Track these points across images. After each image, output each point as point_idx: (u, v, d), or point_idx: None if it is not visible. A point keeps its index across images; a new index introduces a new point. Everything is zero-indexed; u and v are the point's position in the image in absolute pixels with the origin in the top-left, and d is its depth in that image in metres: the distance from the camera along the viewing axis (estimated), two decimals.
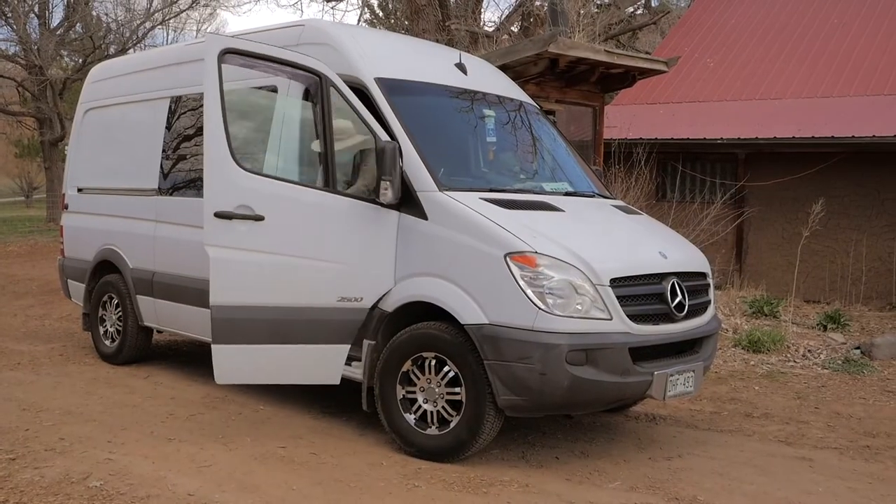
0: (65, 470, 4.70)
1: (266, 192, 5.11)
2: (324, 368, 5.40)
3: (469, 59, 6.61)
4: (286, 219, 5.15)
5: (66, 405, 6.10)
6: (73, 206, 8.39)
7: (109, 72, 8.38)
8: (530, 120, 6.61)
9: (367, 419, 5.68)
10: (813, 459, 5.51)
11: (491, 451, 5.27)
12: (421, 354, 5.09)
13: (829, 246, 12.55)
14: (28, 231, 24.90)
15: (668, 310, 5.11)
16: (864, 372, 8.12)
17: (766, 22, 16.88)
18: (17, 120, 33.53)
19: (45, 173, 30.73)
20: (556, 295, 4.72)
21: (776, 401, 7.08)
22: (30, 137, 39.12)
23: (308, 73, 5.36)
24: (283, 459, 5.03)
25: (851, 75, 14.39)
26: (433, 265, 5.09)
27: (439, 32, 13.39)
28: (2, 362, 7.59)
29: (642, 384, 4.96)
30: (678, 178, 13.61)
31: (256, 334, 5.15)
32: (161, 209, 7.11)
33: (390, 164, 5.07)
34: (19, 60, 27.87)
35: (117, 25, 30.18)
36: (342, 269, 5.28)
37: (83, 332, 8.25)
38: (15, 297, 11.96)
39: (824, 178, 12.41)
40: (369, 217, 5.30)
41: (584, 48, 9.46)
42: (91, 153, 8.24)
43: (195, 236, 6.27)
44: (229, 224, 5.02)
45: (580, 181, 6.38)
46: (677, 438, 5.87)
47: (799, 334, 9.45)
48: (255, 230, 5.07)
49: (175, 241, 6.82)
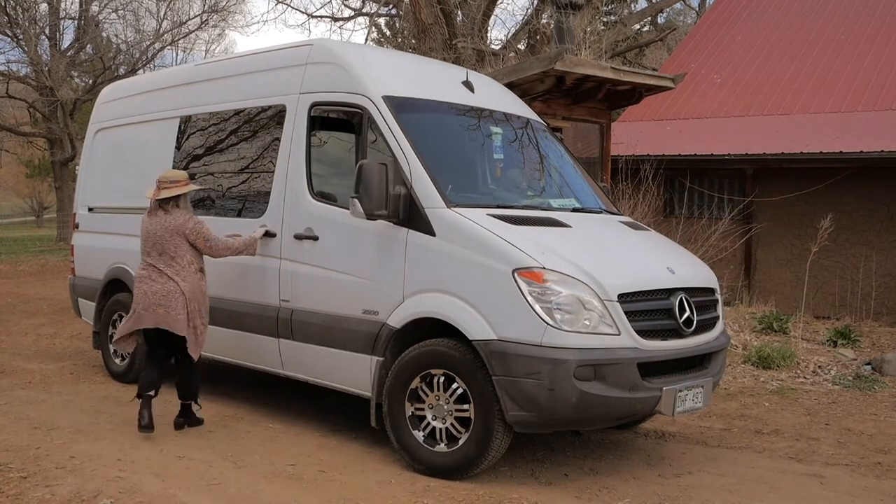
0: (75, 488, 4.71)
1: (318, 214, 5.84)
2: (354, 376, 5.55)
3: (476, 77, 6.65)
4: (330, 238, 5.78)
5: (76, 423, 6.12)
6: (83, 225, 8.45)
7: (119, 92, 8.48)
8: (537, 137, 6.64)
9: (375, 436, 5.68)
10: (824, 476, 5.48)
11: (500, 469, 5.26)
12: (429, 371, 5.10)
13: (839, 261, 12.50)
14: (39, 250, 25.07)
15: (677, 325, 5.11)
16: (875, 388, 8.08)
17: (773, 38, 16.90)
18: (29, 140, 33.90)
19: (55, 193, 30.99)
20: (564, 310, 4.72)
21: (786, 417, 7.05)
22: (41, 158, 39.48)
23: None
24: (291, 477, 5.03)
25: (859, 91, 14.39)
26: (441, 281, 5.10)
27: (446, 51, 13.47)
28: (13, 381, 7.62)
29: (651, 400, 4.95)
30: (686, 194, 13.60)
31: (311, 335, 5.77)
32: None
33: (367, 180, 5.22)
34: (30, 81, 28.17)
35: (127, 46, 30.56)
36: (364, 284, 5.48)
37: (93, 351, 8.28)
38: (26, 315, 12.01)
39: (833, 193, 12.38)
40: (379, 233, 5.36)
41: (590, 65, 9.50)
42: (102, 173, 8.31)
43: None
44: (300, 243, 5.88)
45: (587, 197, 6.40)
46: (687, 455, 5.85)
47: (809, 350, 9.41)
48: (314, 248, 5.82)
49: None
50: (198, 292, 5.88)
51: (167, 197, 5.86)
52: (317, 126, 6.02)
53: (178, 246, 5.83)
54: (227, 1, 31.10)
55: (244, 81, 6.76)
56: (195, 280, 5.88)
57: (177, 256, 5.82)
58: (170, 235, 5.82)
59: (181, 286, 5.78)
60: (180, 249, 5.83)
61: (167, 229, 5.82)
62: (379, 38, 23.90)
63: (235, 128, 6.83)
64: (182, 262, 5.83)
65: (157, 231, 5.86)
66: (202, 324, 5.91)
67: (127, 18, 30.07)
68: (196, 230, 5.87)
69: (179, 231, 5.82)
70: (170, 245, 5.82)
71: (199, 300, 5.88)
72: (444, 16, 13.87)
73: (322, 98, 5.96)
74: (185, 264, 5.83)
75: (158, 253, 5.85)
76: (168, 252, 5.82)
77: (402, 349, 5.25)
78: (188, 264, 5.85)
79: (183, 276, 5.81)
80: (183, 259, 5.83)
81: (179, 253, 5.83)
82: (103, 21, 29.65)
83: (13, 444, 5.55)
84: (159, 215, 5.90)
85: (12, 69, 28.74)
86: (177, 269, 5.82)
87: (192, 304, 5.81)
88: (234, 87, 6.84)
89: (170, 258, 5.82)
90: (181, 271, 5.82)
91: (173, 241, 5.82)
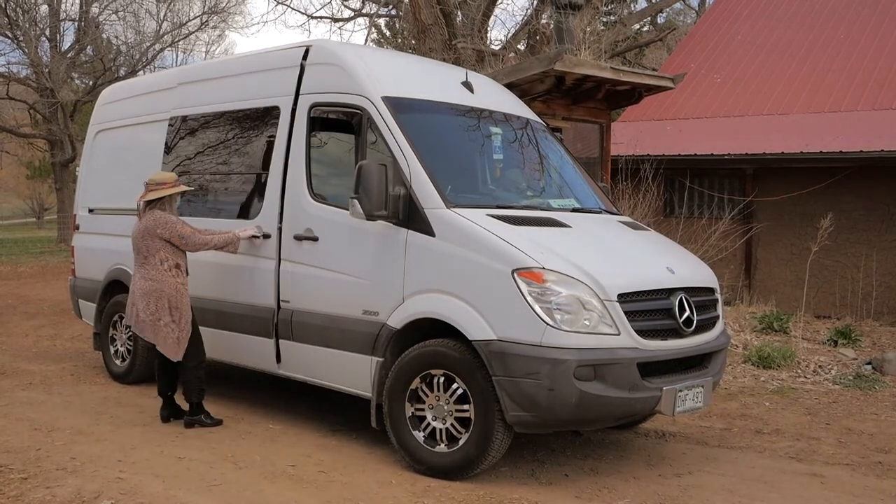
0: (76, 489, 4.72)
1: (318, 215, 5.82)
2: (354, 376, 5.55)
3: (476, 78, 6.65)
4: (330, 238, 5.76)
5: (77, 425, 6.12)
6: (84, 226, 8.46)
7: (118, 94, 8.49)
8: (537, 137, 6.64)
9: (375, 437, 5.69)
10: (824, 476, 5.48)
11: (500, 469, 5.26)
12: (429, 371, 5.10)
13: (839, 261, 12.50)
14: (39, 252, 25.08)
15: (677, 325, 5.11)
16: (876, 387, 8.08)
17: (773, 37, 16.90)
18: (29, 142, 33.91)
19: (56, 194, 31.01)
20: (563, 310, 4.73)
21: (787, 417, 7.05)
22: (41, 159, 39.50)
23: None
24: (292, 478, 5.04)
25: (859, 90, 14.39)
26: (441, 282, 5.10)
27: (446, 51, 13.47)
28: (14, 382, 7.63)
29: (651, 400, 4.95)
30: (686, 193, 13.60)
31: (310, 336, 5.76)
32: None
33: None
34: (31, 83, 28.20)
35: (127, 48, 30.57)
36: (364, 284, 5.48)
37: (94, 352, 8.29)
38: (26, 317, 12.02)
39: (833, 192, 12.38)
40: (379, 234, 5.36)
41: (590, 65, 9.50)
42: (102, 174, 8.32)
43: (206, 256, 6.36)
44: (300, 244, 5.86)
45: (587, 198, 6.40)
46: (687, 455, 5.85)
47: (809, 350, 9.41)
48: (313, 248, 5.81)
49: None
50: (168, 289, 5.93)
51: (153, 199, 5.96)
52: (316, 127, 6.03)
53: (149, 246, 5.95)
54: (227, 2, 31.17)
55: (242, 82, 6.77)
56: (165, 278, 5.94)
57: (149, 256, 5.95)
58: (142, 237, 5.97)
59: (147, 285, 5.92)
60: (152, 248, 5.95)
61: (142, 231, 5.99)
62: (379, 38, 23.92)
63: (232, 128, 6.85)
64: (153, 260, 5.95)
65: (135, 233, 6.05)
66: (173, 321, 5.93)
67: (127, 20, 30.15)
68: (168, 226, 5.94)
69: (151, 232, 5.94)
70: (142, 246, 5.97)
71: (169, 297, 5.92)
72: (443, 16, 13.87)
73: (322, 99, 5.97)
74: (155, 262, 5.94)
75: (136, 254, 6.04)
76: (142, 253, 5.98)
77: (403, 350, 5.25)
78: (159, 262, 5.95)
79: (152, 276, 5.94)
80: (154, 257, 5.95)
81: (152, 252, 5.95)
82: (103, 22, 29.71)
83: (14, 445, 5.56)
84: (141, 218, 6.04)
85: (13, 71, 28.82)
86: (147, 269, 5.97)
87: (159, 303, 5.88)
88: (231, 88, 6.85)
89: (143, 258, 5.99)
90: (151, 270, 5.95)
91: (146, 242, 5.96)
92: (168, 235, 5.93)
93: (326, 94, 5.95)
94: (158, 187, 6.02)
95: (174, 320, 5.94)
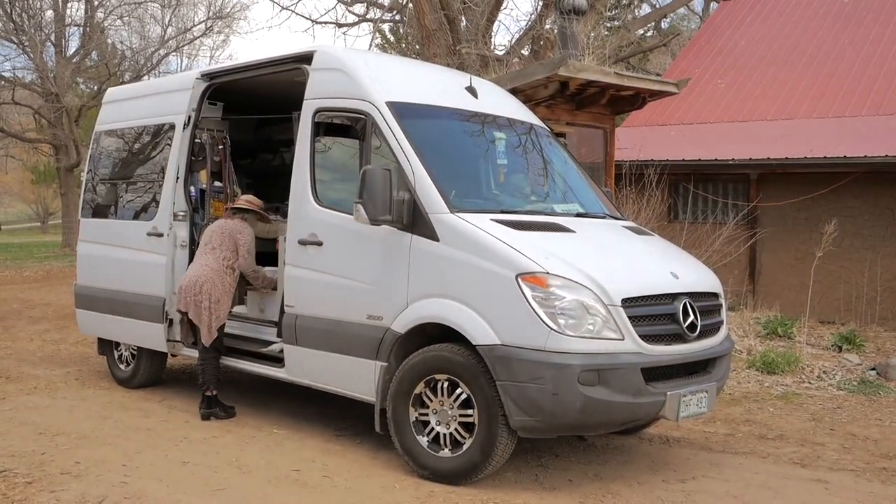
0: (80, 493, 4.72)
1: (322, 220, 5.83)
2: (358, 381, 5.54)
3: (479, 83, 6.66)
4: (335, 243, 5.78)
5: (81, 429, 6.13)
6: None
7: (118, 96, 8.47)
8: (541, 142, 6.65)
9: (379, 441, 5.69)
10: (829, 482, 5.46)
11: (504, 474, 5.26)
12: (433, 376, 5.10)
13: (844, 266, 12.48)
14: (44, 256, 25.14)
15: (681, 330, 5.11)
16: (881, 393, 8.06)
17: (777, 42, 16.90)
18: (34, 147, 33.98)
19: (60, 199, 31.03)
20: (567, 315, 4.73)
21: (791, 422, 7.04)
22: (46, 164, 39.58)
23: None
24: (296, 483, 5.04)
25: (863, 95, 14.38)
26: (445, 286, 5.11)
27: (450, 56, 13.48)
28: (18, 386, 7.64)
29: (655, 405, 4.94)
30: (690, 199, 13.60)
31: (314, 340, 5.79)
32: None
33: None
34: (36, 88, 28.25)
35: (132, 53, 30.65)
36: (368, 289, 5.48)
37: (98, 357, 8.31)
38: (31, 321, 12.04)
39: (837, 198, 12.37)
40: (383, 239, 5.37)
41: (594, 71, 9.50)
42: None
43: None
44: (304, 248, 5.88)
45: (591, 203, 6.40)
46: (691, 460, 5.84)
47: (814, 355, 9.39)
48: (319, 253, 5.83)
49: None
50: (218, 281, 6.44)
51: (243, 208, 6.78)
52: (321, 132, 6.04)
53: (223, 242, 6.57)
54: (232, 7, 31.26)
55: None
56: (221, 272, 6.48)
57: (216, 249, 6.54)
58: (221, 232, 6.61)
59: (204, 272, 6.43)
60: (224, 245, 6.55)
61: (225, 228, 6.64)
62: (383, 43, 23.93)
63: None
64: (218, 254, 6.52)
65: (216, 227, 6.70)
66: (211, 307, 6.38)
67: (132, 25, 30.27)
68: (247, 237, 6.63)
69: (232, 233, 6.61)
70: (217, 240, 6.59)
71: (215, 287, 6.41)
72: (447, 21, 13.89)
73: (326, 104, 5.98)
74: (219, 256, 6.52)
75: (205, 244, 6.61)
76: (213, 244, 6.58)
77: (407, 354, 5.25)
78: (223, 258, 6.52)
79: (211, 265, 6.47)
80: (220, 253, 6.53)
81: (222, 248, 6.54)
82: (108, 27, 29.80)
83: (18, 449, 5.57)
84: (226, 219, 6.79)
85: (18, 76, 28.88)
86: (210, 259, 6.50)
87: (205, 288, 6.38)
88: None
89: (211, 249, 6.57)
90: (213, 261, 6.49)
91: (222, 238, 6.58)
92: (242, 243, 6.58)
93: (331, 100, 5.96)
94: (249, 203, 6.83)
95: (212, 307, 6.39)
